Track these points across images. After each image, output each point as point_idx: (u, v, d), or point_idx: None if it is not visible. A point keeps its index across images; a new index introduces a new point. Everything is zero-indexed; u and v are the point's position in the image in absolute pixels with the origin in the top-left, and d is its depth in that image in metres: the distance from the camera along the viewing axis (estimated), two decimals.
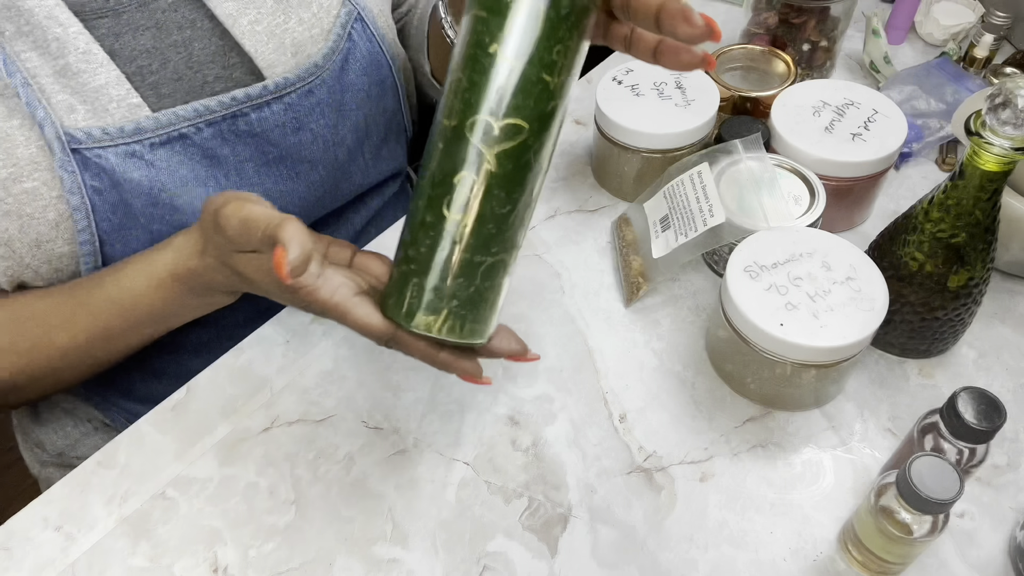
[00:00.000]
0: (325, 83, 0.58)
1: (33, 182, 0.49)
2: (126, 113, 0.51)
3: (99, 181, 0.51)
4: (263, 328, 0.62)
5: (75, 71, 0.49)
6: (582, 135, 0.77)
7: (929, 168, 0.72)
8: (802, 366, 0.51)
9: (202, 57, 0.54)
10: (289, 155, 0.59)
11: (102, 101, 0.50)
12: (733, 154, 0.62)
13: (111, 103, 0.50)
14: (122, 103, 0.51)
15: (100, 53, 0.50)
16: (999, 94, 0.43)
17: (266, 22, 0.55)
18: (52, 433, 0.70)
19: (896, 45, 0.85)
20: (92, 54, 0.50)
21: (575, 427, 0.55)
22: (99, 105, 0.50)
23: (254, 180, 0.58)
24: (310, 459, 0.54)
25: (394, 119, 0.68)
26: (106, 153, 0.50)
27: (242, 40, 0.55)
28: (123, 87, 0.51)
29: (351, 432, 0.56)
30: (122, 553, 0.50)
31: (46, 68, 0.49)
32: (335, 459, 0.54)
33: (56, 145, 0.49)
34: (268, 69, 0.56)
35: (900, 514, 0.43)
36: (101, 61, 0.50)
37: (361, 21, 0.60)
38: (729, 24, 0.90)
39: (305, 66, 0.57)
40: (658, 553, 0.49)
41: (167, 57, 0.53)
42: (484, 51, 0.39)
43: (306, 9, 0.57)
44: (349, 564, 0.49)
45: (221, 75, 0.55)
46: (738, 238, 0.58)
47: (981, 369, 0.58)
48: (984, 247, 0.50)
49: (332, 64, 0.58)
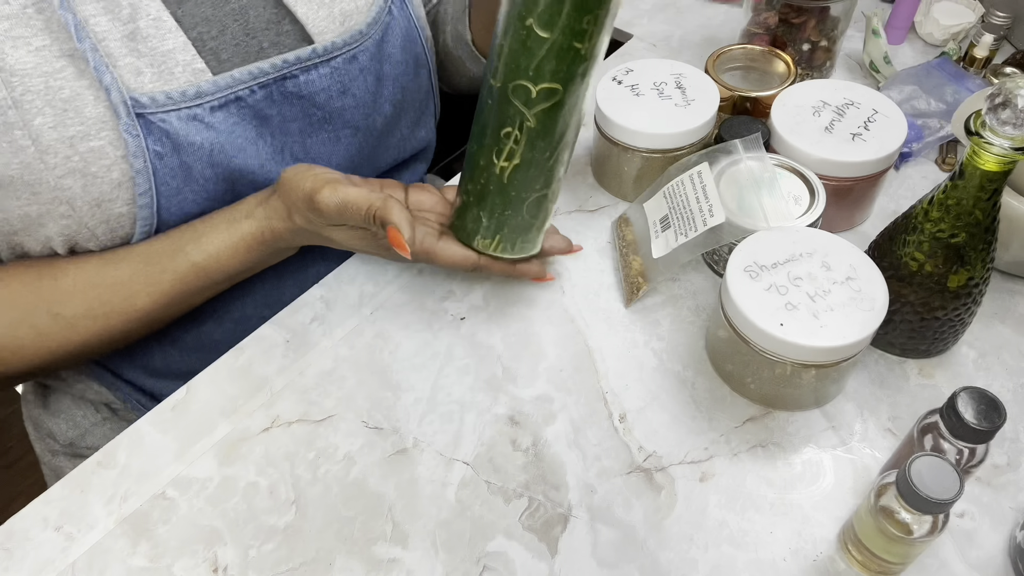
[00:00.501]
0: (368, 50, 0.60)
1: (100, 141, 0.51)
2: (190, 77, 0.53)
3: (161, 145, 0.52)
4: (263, 328, 0.62)
5: (144, 36, 0.51)
6: (582, 135, 0.77)
7: (929, 168, 0.72)
8: (802, 366, 0.51)
9: (257, 24, 0.57)
10: (332, 118, 0.61)
11: (168, 65, 0.52)
12: (733, 154, 0.62)
13: (177, 67, 0.52)
14: (187, 68, 0.53)
15: (169, 20, 0.52)
16: (999, 94, 0.43)
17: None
18: (63, 423, 0.71)
19: (896, 45, 0.85)
20: (162, 20, 0.52)
21: (575, 427, 0.55)
22: (165, 69, 0.52)
23: (297, 140, 0.60)
24: (310, 459, 0.54)
25: (427, 97, 0.71)
26: (169, 117, 0.52)
27: (295, 8, 0.57)
28: (189, 53, 0.53)
29: (351, 432, 0.56)
30: (122, 553, 0.50)
31: (115, 32, 0.50)
32: (335, 459, 0.54)
33: (122, 109, 0.50)
34: (319, 36, 0.58)
35: (900, 514, 0.43)
36: (170, 28, 0.52)
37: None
38: (729, 24, 0.90)
39: (352, 32, 0.59)
40: (658, 553, 0.49)
41: (225, 24, 0.55)
42: (522, 23, 0.44)
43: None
44: (349, 564, 0.49)
45: (276, 41, 0.57)
46: (738, 238, 0.58)
47: (981, 369, 0.58)
48: (984, 247, 0.50)
49: (375, 33, 0.61)
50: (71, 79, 0.49)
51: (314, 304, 0.64)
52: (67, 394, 0.71)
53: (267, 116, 0.57)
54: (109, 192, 0.52)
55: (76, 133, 0.50)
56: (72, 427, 0.71)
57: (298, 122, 0.59)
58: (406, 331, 0.61)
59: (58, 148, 0.49)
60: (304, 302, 0.64)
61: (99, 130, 0.50)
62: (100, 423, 0.71)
